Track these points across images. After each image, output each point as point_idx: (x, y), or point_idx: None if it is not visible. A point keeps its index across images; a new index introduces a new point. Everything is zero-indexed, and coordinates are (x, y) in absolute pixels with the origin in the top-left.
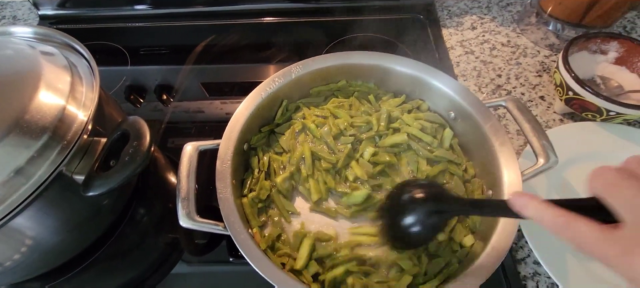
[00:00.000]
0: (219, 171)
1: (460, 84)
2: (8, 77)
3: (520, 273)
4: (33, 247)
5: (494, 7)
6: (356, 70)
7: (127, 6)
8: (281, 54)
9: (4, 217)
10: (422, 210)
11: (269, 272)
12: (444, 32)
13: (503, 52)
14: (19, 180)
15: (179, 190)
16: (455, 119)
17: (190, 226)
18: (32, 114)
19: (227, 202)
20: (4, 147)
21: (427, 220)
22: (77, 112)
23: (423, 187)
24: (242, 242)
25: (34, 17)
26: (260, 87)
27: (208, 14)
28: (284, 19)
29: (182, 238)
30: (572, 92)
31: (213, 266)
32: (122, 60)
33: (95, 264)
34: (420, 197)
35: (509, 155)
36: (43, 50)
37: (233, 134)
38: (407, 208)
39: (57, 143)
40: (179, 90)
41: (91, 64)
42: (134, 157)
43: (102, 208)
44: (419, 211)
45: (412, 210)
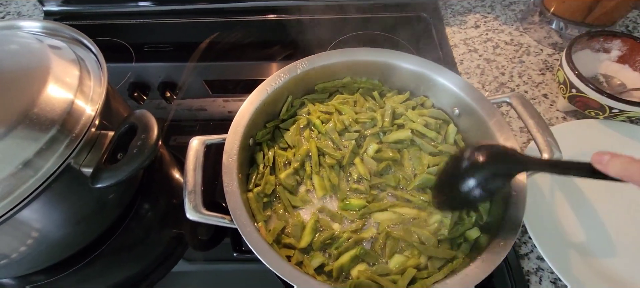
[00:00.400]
0: (226, 165)
1: (464, 80)
2: (17, 70)
3: (523, 268)
4: (39, 240)
5: (498, 5)
6: (361, 67)
7: (132, 3)
8: (285, 51)
9: (11, 209)
10: (484, 172)
11: (276, 264)
12: (448, 30)
13: (506, 50)
14: (27, 172)
15: (185, 183)
16: (459, 115)
17: (197, 219)
18: (40, 107)
19: (234, 196)
20: (12, 139)
21: (488, 183)
22: (85, 106)
23: (485, 148)
24: (248, 234)
25: (39, 13)
26: (265, 82)
27: (212, 11)
28: (288, 17)
29: (187, 234)
30: (576, 90)
31: (216, 263)
32: (127, 57)
33: (101, 258)
34: (482, 159)
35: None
36: (51, 44)
37: (239, 129)
38: (468, 172)
39: (65, 136)
40: (183, 88)
41: (99, 59)
42: (142, 150)
43: (108, 202)
44: (480, 173)
45: (473, 174)
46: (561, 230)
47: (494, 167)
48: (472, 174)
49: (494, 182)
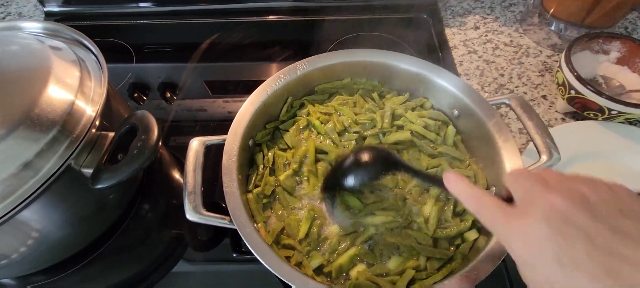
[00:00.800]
0: (225, 166)
1: (463, 81)
2: (18, 71)
3: None
4: (40, 240)
5: (497, 7)
6: (361, 68)
7: (132, 3)
8: (285, 52)
9: (12, 210)
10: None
11: (275, 265)
12: (447, 31)
13: (506, 51)
14: (28, 173)
15: (185, 184)
16: (458, 117)
17: (196, 219)
18: (41, 108)
19: (233, 196)
20: (13, 140)
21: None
22: (86, 107)
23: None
24: (248, 235)
25: (40, 13)
26: (265, 83)
27: (213, 12)
28: (288, 17)
29: (186, 234)
30: (575, 91)
31: (216, 264)
32: (127, 58)
33: (100, 258)
34: (367, 160)
35: (512, 152)
36: (52, 45)
37: (239, 130)
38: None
39: (66, 137)
40: (183, 88)
41: (99, 60)
42: (142, 150)
43: (108, 203)
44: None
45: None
46: None
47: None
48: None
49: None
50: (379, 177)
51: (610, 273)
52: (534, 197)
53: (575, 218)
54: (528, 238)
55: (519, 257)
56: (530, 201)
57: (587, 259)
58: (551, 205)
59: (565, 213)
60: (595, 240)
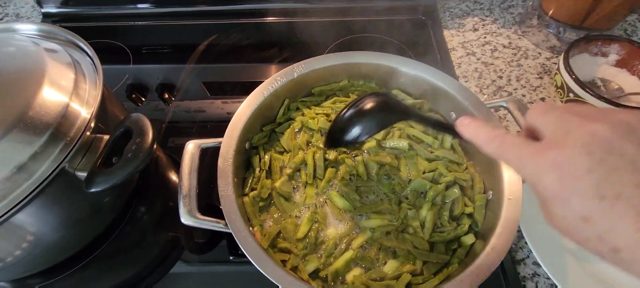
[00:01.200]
0: (221, 169)
1: (461, 84)
2: (12, 73)
3: (519, 273)
4: (34, 243)
5: (496, 9)
6: (358, 70)
7: (130, 5)
8: (283, 53)
9: (5, 213)
10: (369, 121)
11: (269, 269)
12: (446, 33)
13: (504, 53)
14: (22, 176)
15: (180, 187)
16: (456, 120)
17: (191, 223)
18: (35, 110)
19: (229, 200)
20: (7, 143)
21: (375, 127)
22: (80, 109)
23: (371, 97)
24: (242, 239)
25: (37, 14)
26: (262, 86)
27: (210, 13)
28: (286, 19)
29: (183, 237)
30: (573, 94)
31: (213, 265)
32: (125, 59)
33: (96, 261)
34: (369, 107)
35: None
36: (47, 47)
37: (235, 132)
38: (354, 121)
39: (60, 140)
40: (181, 89)
41: (95, 62)
42: (137, 154)
43: (103, 205)
44: (365, 123)
45: (358, 123)
46: (557, 235)
47: (378, 116)
48: (358, 120)
49: (378, 127)
50: (384, 126)
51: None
52: (571, 127)
53: (620, 147)
54: (563, 169)
55: (549, 192)
56: (567, 131)
57: (633, 191)
58: (593, 133)
59: (609, 142)
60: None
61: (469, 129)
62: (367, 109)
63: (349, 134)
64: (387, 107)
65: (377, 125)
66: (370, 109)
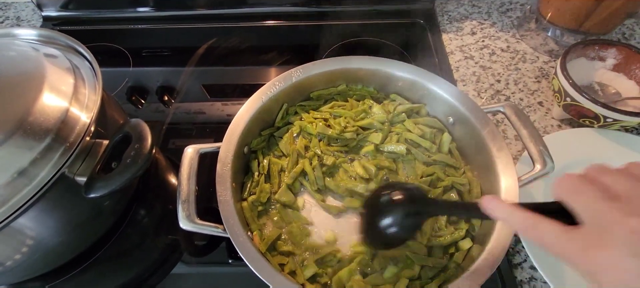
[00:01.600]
0: (220, 174)
1: (459, 89)
2: (12, 78)
3: (516, 277)
4: (34, 248)
5: (494, 12)
6: (357, 75)
7: (130, 8)
8: (282, 57)
9: (6, 218)
10: (399, 211)
11: (267, 274)
12: (444, 36)
13: (502, 57)
14: (22, 181)
15: (179, 192)
16: (453, 124)
17: (190, 228)
18: (35, 115)
19: (227, 205)
20: (7, 148)
21: (404, 221)
22: (80, 114)
23: (401, 190)
24: (241, 244)
25: (38, 18)
26: (261, 90)
27: (210, 17)
28: (285, 23)
29: (182, 240)
30: (570, 98)
31: (212, 267)
32: (125, 62)
33: (96, 265)
34: (398, 199)
35: (506, 161)
36: (46, 52)
37: (234, 137)
38: (385, 210)
39: (60, 145)
40: (181, 92)
41: (94, 66)
42: (136, 160)
43: (103, 209)
44: (395, 213)
45: (389, 212)
46: None
47: (406, 207)
48: (388, 212)
49: (407, 220)
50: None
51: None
52: (609, 222)
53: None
54: (617, 273)
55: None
56: (606, 227)
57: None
58: (633, 232)
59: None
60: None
61: (499, 211)
62: (397, 199)
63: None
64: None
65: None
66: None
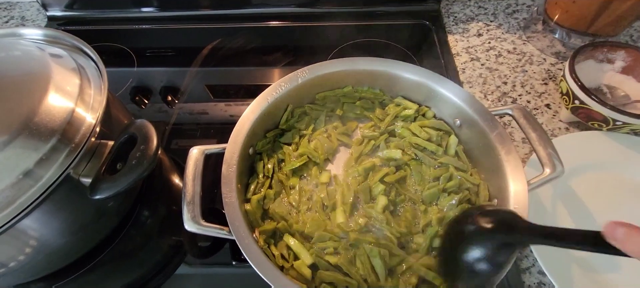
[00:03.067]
0: (225, 175)
1: (466, 91)
2: (18, 79)
3: (524, 282)
4: (38, 249)
5: (500, 14)
6: (363, 76)
7: (135, 8)
8: (287, 57)
9: (11, 219)
10: (489, 241)
11: (273, 276)
12: (450, 38)
13: (509, 59)
14: (28, 182)
15: (184, 194)
16: (460, 126)
17: (195, 230)
18: (41, 116)
19: (233, 207)
20: (13, 149)
21: (497, 254)
22: (86, 115)
23: (491, 214)
24: (246, 247)
25: (43, 18)
26: (266, 91)
27: (215, 17)
28: (290, 23)
29: (186, 241)
30: (579, 101)
31: (216, 268)
32: (129, 62)
33: (100, 266)
34: (488, 226)
35: (515, 164)
36: (52, 52)
37: (239, 138)
38: (472, 240)
39: (66, 146)
40: (185, 92)
41: (99, 67)
42: (141, 161)
43: (108, 210)
44: (486, 243)
45: (477, 242)
46: None
47: (500, 237)
48: (475, 242)
49: (500, 253)
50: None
51: None
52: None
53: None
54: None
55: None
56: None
57: None
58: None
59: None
60: None
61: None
62: (488, 227)
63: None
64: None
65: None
66: (491, 228)
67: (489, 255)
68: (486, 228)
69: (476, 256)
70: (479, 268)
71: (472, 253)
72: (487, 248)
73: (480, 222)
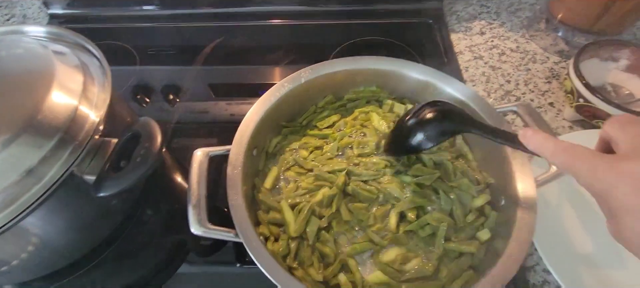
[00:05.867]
0: (230, 177)
1: (471, 89)
2: (21, 76)
3: (529, 281)
4: (41, 247)
5: (503, 12)
6: (365, 75)
7: (136, 6)
8: (289, 56)
9: (15, 217)
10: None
11: (283, 280)
12: (453, 36)
13: (512, 57)
14: (31, 180)
15: (189, 196)
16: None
17: (201, 233)
18: (44, 113)
19: (239, 209)
20: (16, 147)
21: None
22: (89, 112)
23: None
24: (254, 249)
25: (44, 16)
26: (269, 92)
27: (217, 16)
28: (292, 22)
29: (189, 240)
30: (583, 99)
31: (218, 267)
32: (131, 60)
33: (102, 264)
34: (430, 116)
35: (522, 161)
36: (55, 49)
37: (243, 140)
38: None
39: (69, 143)
40: (186, 91)
41: (103, 64)
42: (146, 158)
43: (111, 208)
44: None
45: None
46: (568, 242)
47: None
48: (420, 128)
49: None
50: (446, 135)
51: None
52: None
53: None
54: (634, 181)
55: (621, 204)
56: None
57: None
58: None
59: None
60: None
61: (534, 141)
62: (430, 117)
63: (412, 139)
64: (449, 115)
65: (439, 134)
66: (433, 117)
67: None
68: (428, 118)
69: (419, 139)
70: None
71: (417, 137)
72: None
73: (425, 113)
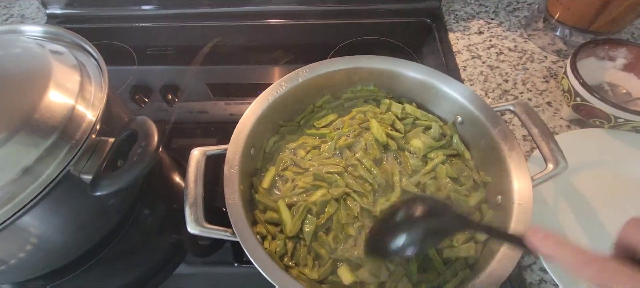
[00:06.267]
0: (227, 177)
1: (468, 88)
2: (18, 75)
3: (526, 279)
4: (38, 246)
5: (501, 12)
6: (363, 75)
7: (134, 6)
8: (287, 56)
9: (11, 216)
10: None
11: (279, 278)
12: (451, 36)
13: (510, 57)
14: (28, 179)
15: (186, 196)
16: (462, 123)
17: (198, 232)
18: (41, 113)
19: (236, 208)
20: (13, 145)
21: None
22: (86, 112)
23: (422, 202)
24: (251, 248)
25: (42, 15)
26: (267, 91)
27: (215, 15)
28: (290, 21)
29: (186, 240)
30: (580, 99)
31: (216, 267)
32: (129, 60)
33: (100, 264)
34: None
35: (518, 160)
36: (52, 49)
37: (240, 139)
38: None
39: (66, 142)
40: (185, 91)
41: (100, 64)
42: (142, 157)
43: (108, 208)
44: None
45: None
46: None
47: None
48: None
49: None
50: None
51: None
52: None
53: None
54: None
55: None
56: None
57: None
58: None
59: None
60: None
61: (548, 246)
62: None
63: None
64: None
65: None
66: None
67: (415, 240)
68: (417, 216)
69: (403, 242)
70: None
71: (400, 240)
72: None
73: (411, 210)
